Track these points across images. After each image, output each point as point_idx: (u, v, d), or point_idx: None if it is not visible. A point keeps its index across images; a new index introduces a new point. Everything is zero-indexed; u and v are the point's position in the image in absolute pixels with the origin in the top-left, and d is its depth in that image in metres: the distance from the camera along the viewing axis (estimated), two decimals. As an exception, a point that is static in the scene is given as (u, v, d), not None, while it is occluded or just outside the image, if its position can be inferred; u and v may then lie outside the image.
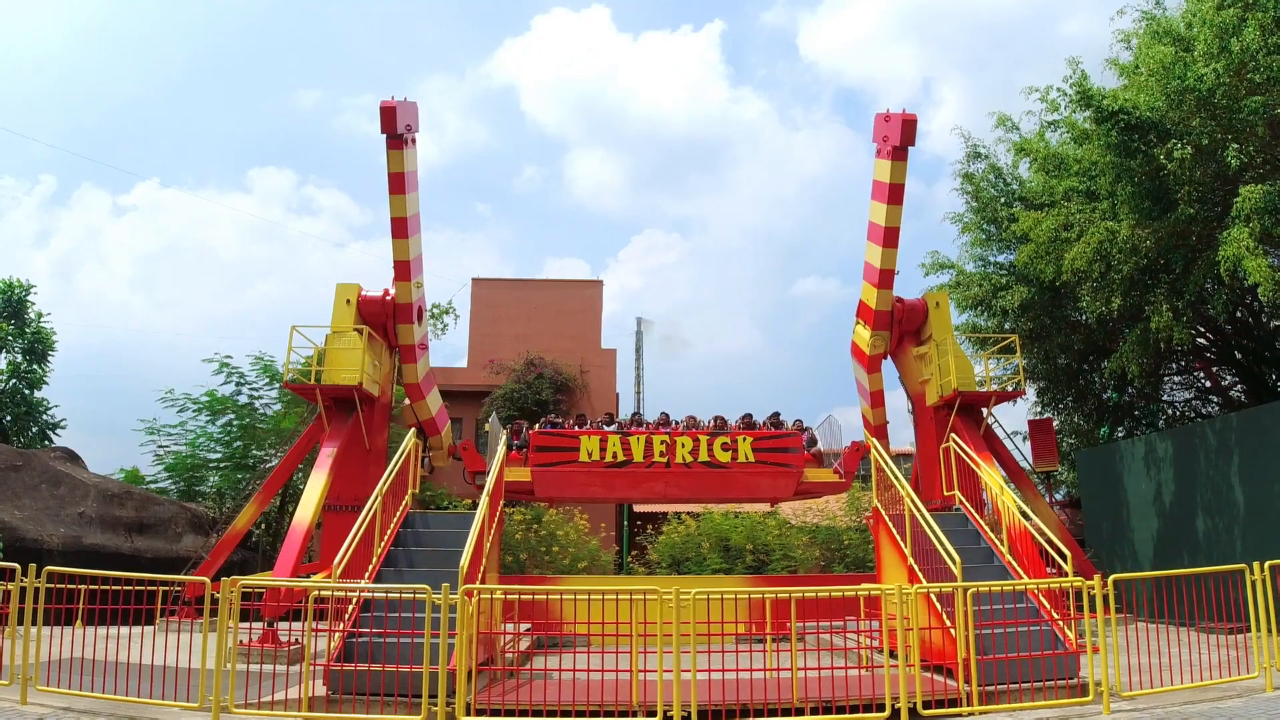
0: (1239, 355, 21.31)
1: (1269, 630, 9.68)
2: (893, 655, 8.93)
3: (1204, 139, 15.09)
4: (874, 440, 13.47)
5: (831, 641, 12.03)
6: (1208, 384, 23.40)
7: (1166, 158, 15.12)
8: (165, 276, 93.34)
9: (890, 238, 17.64)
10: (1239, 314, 19.94)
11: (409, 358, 18.69)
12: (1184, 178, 15.41)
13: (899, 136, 16.76)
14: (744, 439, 18.53)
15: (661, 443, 18.37)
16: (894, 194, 17.26)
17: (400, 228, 16.93)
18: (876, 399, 20.25)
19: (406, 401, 19.91)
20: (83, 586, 9.51)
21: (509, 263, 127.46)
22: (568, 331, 33.64)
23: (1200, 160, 15.25)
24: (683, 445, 18.28)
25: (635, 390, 47.40)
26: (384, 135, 16.06)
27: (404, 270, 17.45)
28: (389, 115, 15.87)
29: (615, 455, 18.36)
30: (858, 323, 19.66)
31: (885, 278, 18.07)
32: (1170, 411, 24.23)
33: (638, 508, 34.16)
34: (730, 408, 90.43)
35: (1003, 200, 22.71)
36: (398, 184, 16.52)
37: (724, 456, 18.36)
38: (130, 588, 9.50)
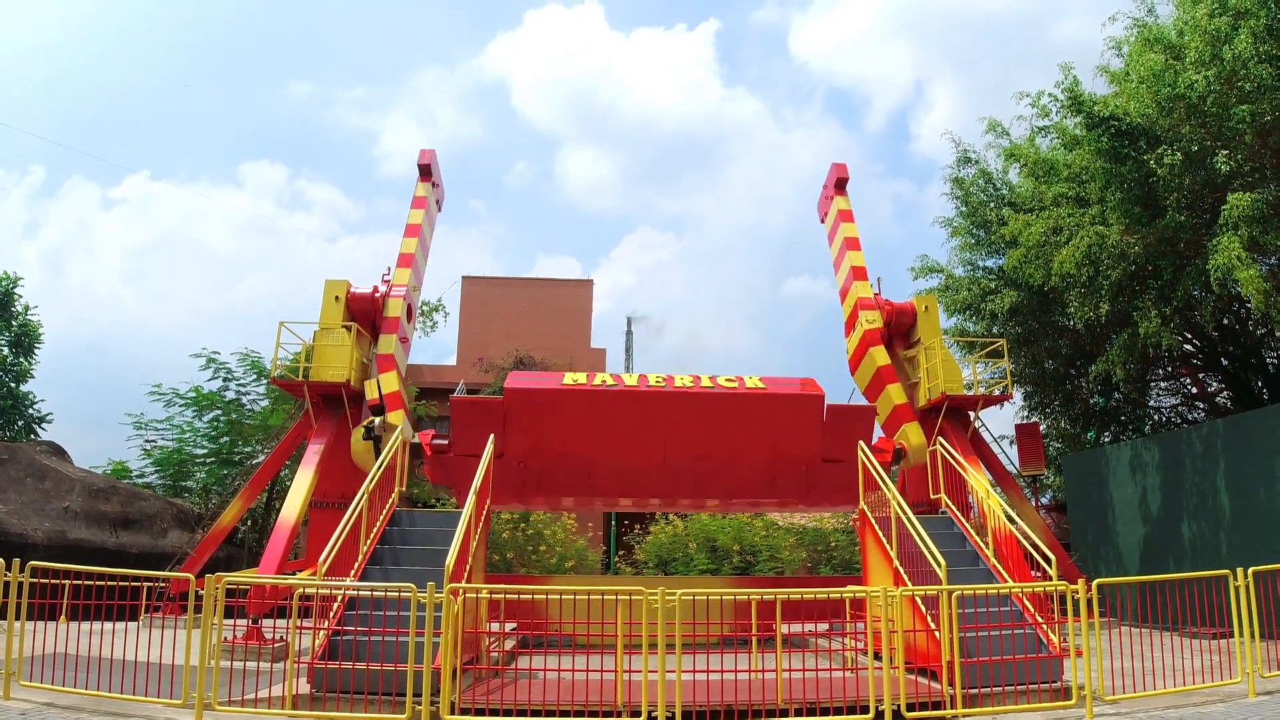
0: (1225, 362, 21.42)
1: (1252, 636, 9.73)
2: (877, 657, 8.95)
3: (1194, 146, 15.15)
4: (862, 445, 13.46)
5: (816, 643, 12.06)
6: (1194, 390, 23.52)
7: (1156, 164, 15.19)
8: (155, 270, 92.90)
9: (853, 243, 20.16)
10: (1226, 321, 20.04)
11: (389, 329, 18.24)
12: (1173, 184, 15.48)
13: (834, 180, 20.95)
14: (749, 377, 15.99)
15: (659, 379, 15.75)
16: (844, 216, 20.67)
17: (414, 231, 19.95)
18: (891, 374, 18.56)
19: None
20: (67, 582, 9.46)
21: (502, 259, 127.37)
22: (557, 330, 33.63)
23: (1189, 167, 15.31)
24: (681, 380, 15.85)
25: (625, 390, 47.23)
26: (418, 168, 21.12)
27: (408, 260, 19.38)
28: (425, 156, 21.06)
29: (604, 383, 15.57)
30: (847, 337, 19.83)
31: (859, 272, 19.89)
32: (1156, 417, 24.34)
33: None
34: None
35: (992, 205, 22.79)
36: (419, 204, 20.55)
37: (729, 384, 15.60)
38: (115, 583, 9.45)
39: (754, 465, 15.95)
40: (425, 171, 21.12)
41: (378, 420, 15.97)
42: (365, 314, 18.04)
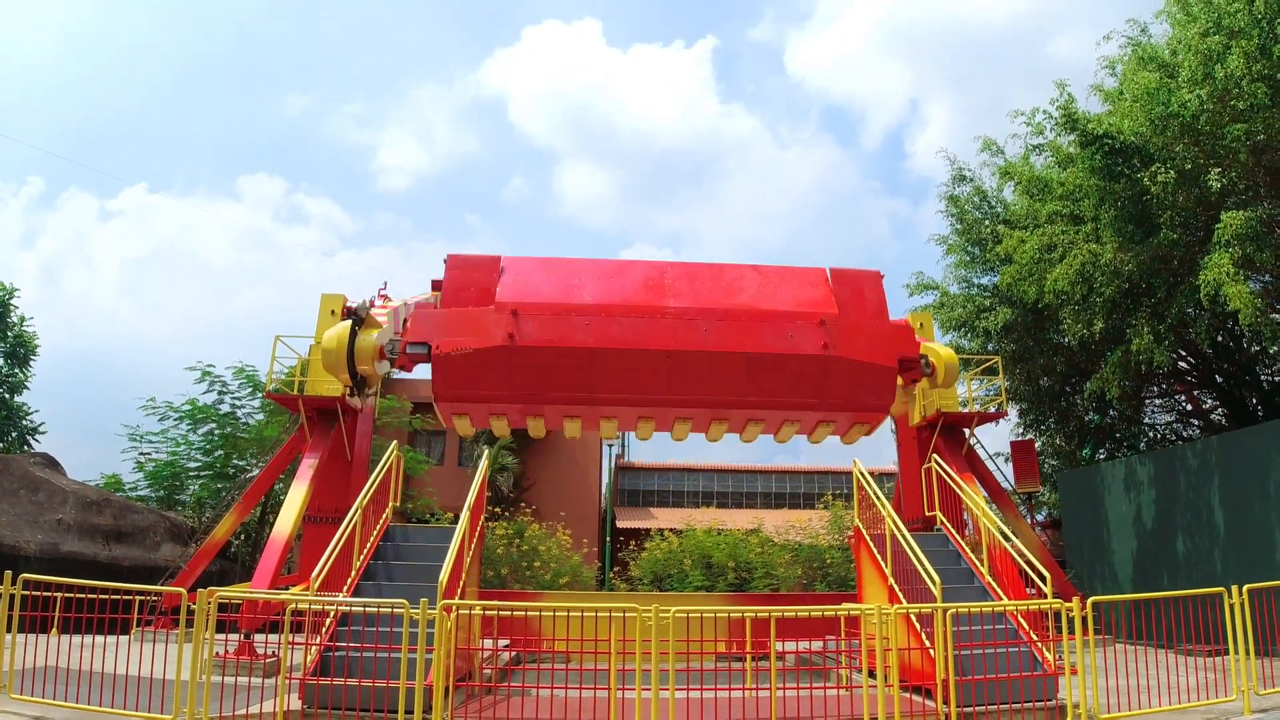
0: (1220, 379, 21.46)
1: (1247, 653, 9.72)
2: (872, 675, 8.92)
3: (1187, 164, 15.23)
4: (857, 462, 13.48)
5: (811, 661, 12.02)
6: (1189, 407, 23.55)
7: (1150, 182, 15.26)
8: (152, 282, 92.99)
9: None
10: (1220, 338, 20.09)
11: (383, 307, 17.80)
12: (1167, 202, 15.54)
13: None
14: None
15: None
16: None
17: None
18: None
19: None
20: (59, 594, 9.43)
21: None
22: (553, 345, 33.62)
23: (1183, 185, 15.38)
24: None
25: (620, 405, 47.26)
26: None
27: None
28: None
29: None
30: None
31: None
32: (1151, 434, 24.36)
33: (621, 523, 34.13)
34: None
35: (987, 222, 22.86)
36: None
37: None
38: (107, 597, 9.42)
39: (768, 317, 14.98)
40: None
41: (360, 301, 15.43)
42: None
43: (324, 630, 9.61)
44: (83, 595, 9.33)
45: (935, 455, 15.57)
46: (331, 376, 16.79)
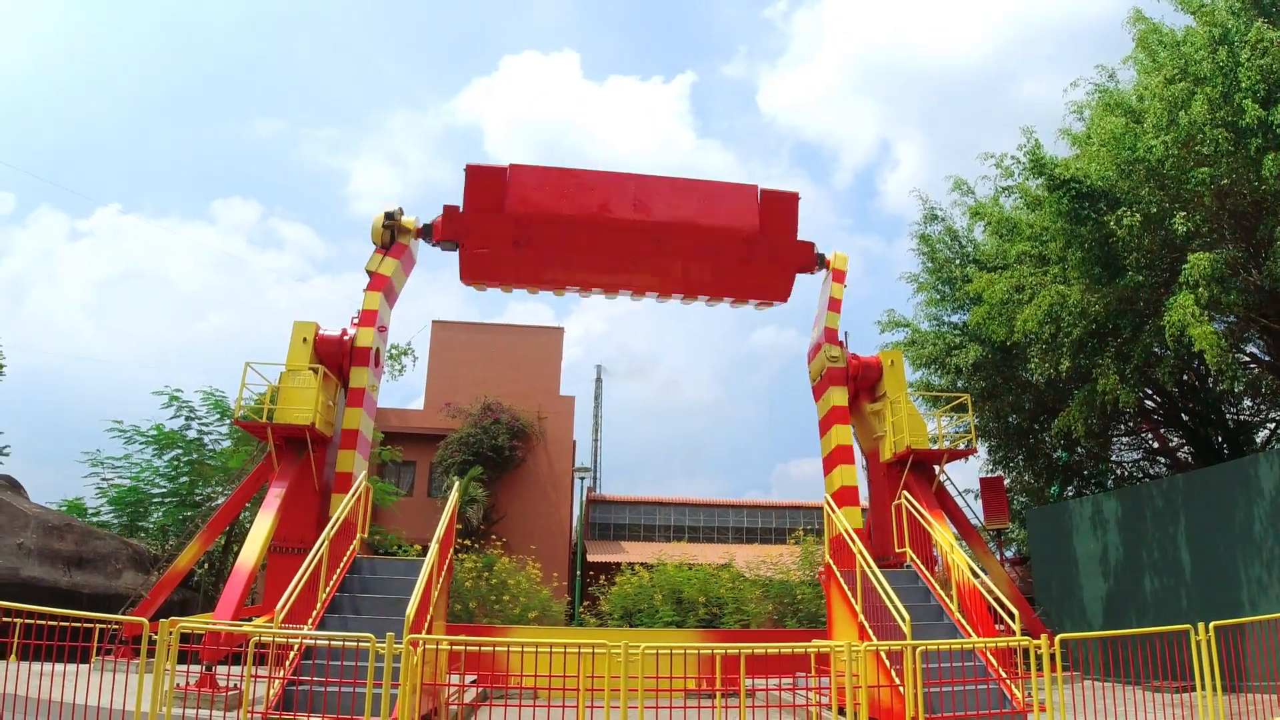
0: (1185, 418, 21.74)
1: (1214, 690, 9.78)
2: (842, 713, 8.88)
3: (1152, 208, 15.51)
4: (829, 498, 13.50)
5: (780, 698, 11.95)
6: (1155, 445, 23.83)
7: (1116, 225, 15.51)
8: (119, 304, 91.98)
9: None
10: (1185, 377, 20.38)
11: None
12: (1132, 245, 15.81)
13: None
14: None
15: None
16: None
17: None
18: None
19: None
20: (18, 621, 9.23)
21: (473, 304, 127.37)
22: (526, 377, 33.61)
23: (1148, 228, 15.66)
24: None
25: (593, 438, 47.29)
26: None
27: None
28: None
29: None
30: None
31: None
32: (1119, 471, 24.60)
33: (591, 556, 33.96)
34: (690, 458, 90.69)
35: (957, 262, 23.13)
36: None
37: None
38: (67, 624, 9.24)
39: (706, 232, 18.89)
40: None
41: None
42: (333, 356, 17.89)
43: (288, 663, 9.46)
44: (42, 622, 9.14)
45: (905, 492, 15.64)
46: (302, 404, 16.67)
